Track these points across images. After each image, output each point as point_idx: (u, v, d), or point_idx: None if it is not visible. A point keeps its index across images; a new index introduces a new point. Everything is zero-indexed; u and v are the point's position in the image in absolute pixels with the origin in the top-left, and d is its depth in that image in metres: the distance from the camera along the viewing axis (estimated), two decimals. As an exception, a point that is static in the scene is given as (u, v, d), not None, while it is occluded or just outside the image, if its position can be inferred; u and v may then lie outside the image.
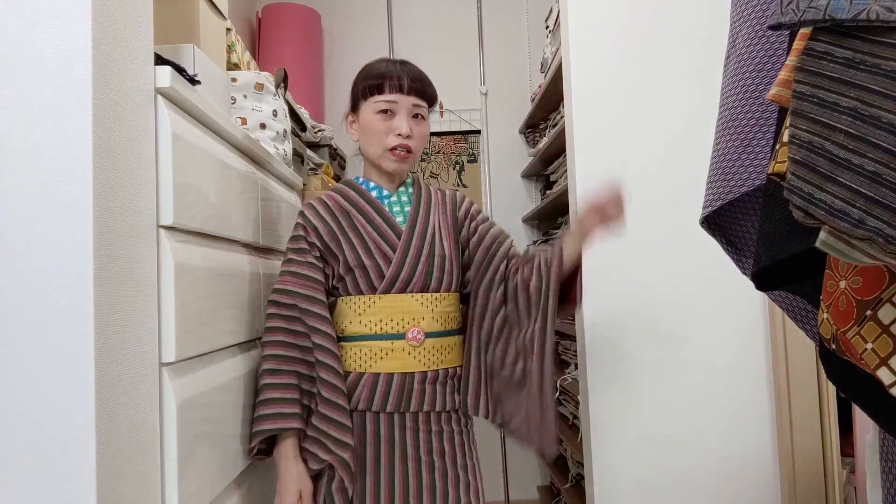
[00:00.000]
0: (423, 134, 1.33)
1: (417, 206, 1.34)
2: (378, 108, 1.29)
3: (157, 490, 0.90)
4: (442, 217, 1.35)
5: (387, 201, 1.34)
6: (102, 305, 0.77)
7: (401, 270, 1.27)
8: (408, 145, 1.29)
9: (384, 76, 1.29)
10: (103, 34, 0.80)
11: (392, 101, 1.29)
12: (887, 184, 0.50)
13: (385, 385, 1.24)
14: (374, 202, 1.32)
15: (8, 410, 0.75)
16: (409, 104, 1.29)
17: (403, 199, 1.36)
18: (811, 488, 1.70)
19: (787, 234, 0.69)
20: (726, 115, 0.87)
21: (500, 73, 3.29)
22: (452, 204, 1.39)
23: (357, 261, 1.27)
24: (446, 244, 1.32)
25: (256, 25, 3.04)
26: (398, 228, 1.30)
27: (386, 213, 1.32)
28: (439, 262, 1.30)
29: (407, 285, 1.27)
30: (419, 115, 1.32)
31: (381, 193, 1.34)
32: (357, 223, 1.30)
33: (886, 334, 0.61)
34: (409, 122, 1.29)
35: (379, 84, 1.29)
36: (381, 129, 1.29)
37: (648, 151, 1.83)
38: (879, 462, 0.80)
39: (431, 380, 1.27)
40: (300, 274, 1.26)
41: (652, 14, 1.85)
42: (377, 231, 1.29)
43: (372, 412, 1.25)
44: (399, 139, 1.28)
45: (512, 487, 3.12)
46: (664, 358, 1.79)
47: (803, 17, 0.54)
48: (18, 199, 0.76)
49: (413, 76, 1.31)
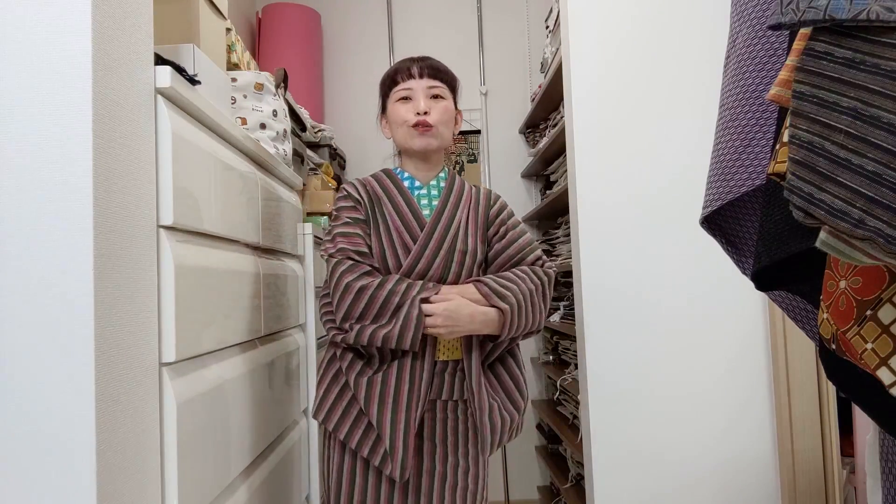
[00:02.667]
0: (444, 110, 1.37)
1: (446, 200, 1.37)
2: (397, 97, 1.37)
3: (157, 490, 0.90)
4: (472, 212, 1.38)
5: (417, 192, 1.38)
6: (102, 305, 0.77)
7: (418, 262, 1.30)
8: (426, 120, 1.34)
9: (397, 70, 1.39)
10: (103, 34, 0.80)
11: (408, 88, 1.36)
12: (887, 184, 0.50)
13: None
14: (405, 192, 1.37)
15: (8, 410, 0.75)
16: (424, 86, 1.36)
17: (434, 193, 1.39)
18: (811, 488, 1.70)
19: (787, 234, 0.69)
20: (726, 115, 0.87)
21: (500, 73, 3.29)
22: (486, 201, 1.42)
23: (379, 247, 1.31)
24: (470, 240, 1.35)
25: (256, 25, 3.04)
26: (423, 220, 1.34)
27: (414, 203, 1.36)
28: (459, 258, 1.32)
29: (423, 277, 1.30)
30: (437, 95, 1.37)
31: (413, 184, 1.39)
32: (386, 210, 1.35)
33: (886, 334, 0.61)
34: (426, 101, 1.35)
35: (393, 77, 1.39)
36: (402, 112, 1.36)
37: (648, 151, 1.83)
38: (879, 462, 0.80)
39: (440, 370, 1.30)
40: (358, 235, 1.31)
41: (652, 14, 1.85)
42: (402, 221, 1.34)
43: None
44: (417, 117, 1.34)
45: (512, 487, 3.12)
46: (664, 358, 1.79)
47: (803, 17, 0.54)
48: (18, 199, 0.75)
49: (424, 63, 1.38)
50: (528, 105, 3.18)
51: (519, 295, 1.28)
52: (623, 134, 1.83)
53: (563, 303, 2.61)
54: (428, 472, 1.29)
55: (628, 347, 1.80)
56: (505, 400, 1.32)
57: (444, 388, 1.31)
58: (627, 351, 1.79)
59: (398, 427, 1.24)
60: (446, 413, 1.31)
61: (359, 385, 1.26)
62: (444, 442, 1.30)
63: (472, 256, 1.34)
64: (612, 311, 1.80)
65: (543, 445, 3.07)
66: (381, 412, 1.25)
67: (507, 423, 1.30)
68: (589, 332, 1.80)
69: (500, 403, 1.30)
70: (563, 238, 2.59)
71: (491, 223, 1.40)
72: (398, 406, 1.25)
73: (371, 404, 1.25)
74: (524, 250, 1.38)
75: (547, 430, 3.00)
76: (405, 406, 1.25)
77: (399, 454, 1.23)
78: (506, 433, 1.30)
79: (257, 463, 1.32)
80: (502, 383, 1.34)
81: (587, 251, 1.82)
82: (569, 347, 2.57)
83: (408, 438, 1.24)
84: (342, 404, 1.29)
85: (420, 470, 1.29)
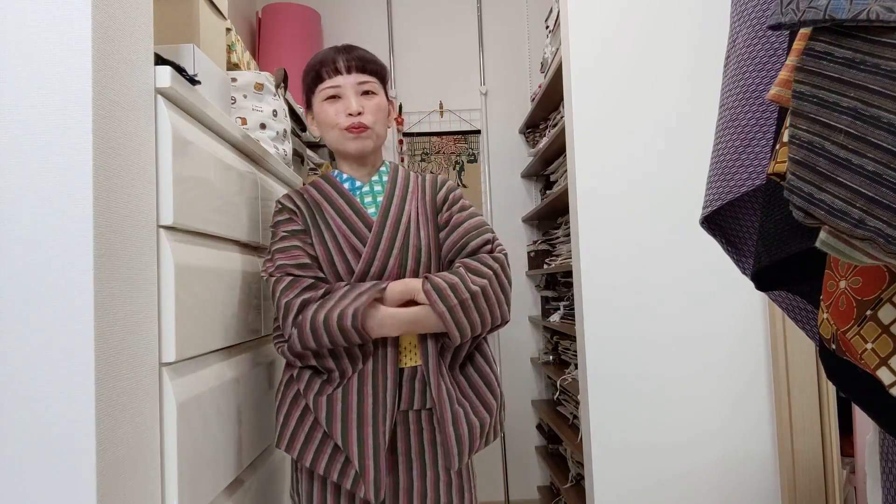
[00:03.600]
0: (378, 107, 1.28)
1: (391, 195, 1.27)
2: (324, 96, 1.27)
3: (157, 490, 0.90)
4: (420, 203, 1.28)
5: (359, 192, 1.29)
6: (102, 305, 0.77)
7: (370, 265, 1.21)
8: (360, 122, 1.25)
9: (321, 64, 1.27)
10: (103, 34, 0.80)
11: (335, 86, 1.26)
12: (887, 184, 0.50)
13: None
14: (345, 194, 1.27)
15: (8, 410, 0.75)
16: (353, 82, 1.26)
17: (377, 189, 1.30)
18: (811, 488, 1.70)
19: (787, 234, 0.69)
20: (726, 115, 0.87)
21: (500, 73, 3.29)
22: (433, 188, 1.31)
23: (326, 255, 1.22)
24: (423, 233, 1.25)
25: (256, 25, 3.04)
26: (369, 220, 1.24)
27: (357, 204, 1.26)
28: (414, 253, 1.23)
29: (379, 279, 1.21)
30: (368, 91, 1.27)
31: (353, 185, 1.30)
32: (328, 215, 1.25)
33: (886, 334, 0.61)
34: (357, 99, 1.25)
35: (317, 73, 1.28)
36: (332, 113, 1.26)
37: (648, 151, 1.83)
38: (879, 462, 0.80)
39: (409, 377, 1.21)
40: (297, 247, 1.22)
41: (652, 14, 1.85)
42: (347, 224, 1.24)
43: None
44: (350, 118, 1.25)
45: (512, 487, 3.12)
46: (664, 358, 1.80)
47: (803, 17, 0.54)
48: (18, 198, 0.76)
49: (351, 56, 1.27)
50: (528, 105, 3.18)
51: (465, 293, 1.16)
52: (623, 134, 1.83)
53: (563, 303, 2.61)
54: (405, 491, 1.19)
55: (629, 347, 1.80)
56: (476, 403, 1.21)
57: (414, 397, 1.21)
58: (628, 351, 1.79)
59: (366, 444, 1.14)
60: (420, 424, 1.21)
61: (318, 405, 1.16)
62: (422, 456, 1.20)
63: (426, 251, 1.24)
64: (612, 310, 1.80)
65: (543, 445, 3.07)
66: (345, 430, 1.14)
67: (475, 429, 1.18)
68: (589, 332, 1.80)
69: (469, 408, 1.19)
70: (563, 238, 2.59)
71: (439, 210, 1.29)
72: (363, 421, 1.15)
73: (334, 423, 1.15)
74: (469, 234, 1.25)
75: (547, 430, 3.00)
76: (371, 420, 1.15)
77: (370, 474, 1.13)
78: (476, 439, 1.19)
79: (257, 463, 1.32)
80: (472, 384, 1.24)
81: (587, 251, 1.82)
82: (569, 347, 2.57)
83: (378, 455, 1.14)
84: (304, 429, 1.18)
85: (397, 489, 1.19)
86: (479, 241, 1.25)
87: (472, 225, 1.27)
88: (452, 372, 1.23)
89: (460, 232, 1.26)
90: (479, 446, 1.21)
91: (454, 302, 1.15)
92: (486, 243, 1.25)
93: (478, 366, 1.26)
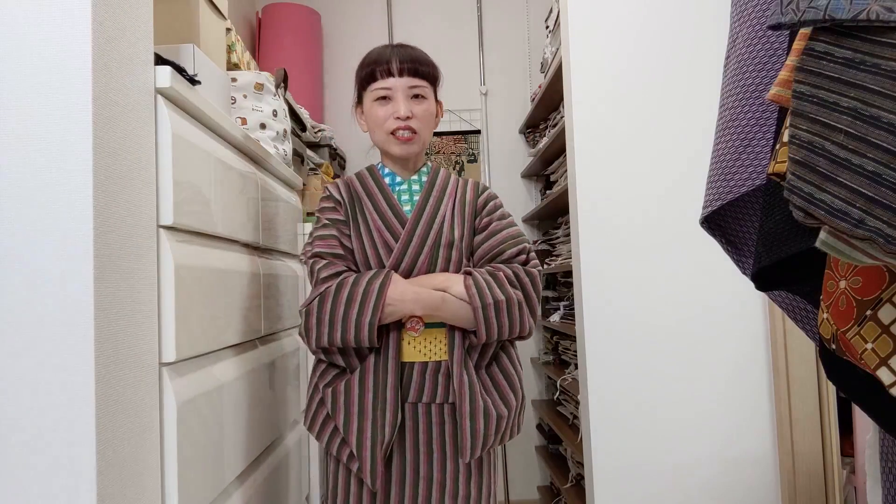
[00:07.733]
0: (427, 112, 1.30)
1: (427, 193, 1.31)
2: (375, 95, 1.28)
3: (157, 490, 0.90)
4: (458, 203, 1.32)
5: (398, 189, 1.32)
6: (102, 305, 0.77)
7: (401, 260, 1.25)
8: (409, 126, 1.27)
9: (375, 63, 1.29)
10: (103, 34, 0.80)
11: (386, 87, 1.27)
12: (887, 184, 0.50)
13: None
14: (384, 188, 1.31)
15: (8, 410, 0.75)
16: (405, 86, 1.27)
17: (415, 188, 1.33)
18: (811, 488, 1.70)
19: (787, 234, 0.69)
20: (726, 115, 0.87)
21: (500, 73, 3.29)
22: (475, 192, 1.35)
23: (360, 247, 1.26)
24: (456, 231, 1.28)
25: (256, 25, 3.04)
26: (404, 217, 1.28)
27: (393, 200, 1.30)
28: (445, 253, 1.26)
29: (409, 275, 1.24)
30: (419, 95, 1.29)
31: (393, 180, 1.33)
32: (366, 209, 1.29)
33: (886, 334, 0.61)
34: (406, 103, 1.27)
35: (371, 72, 1.29)
36: (381, 115, 1.28)
37: (648, 151, 1.83)
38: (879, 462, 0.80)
39: (432, 371, 1.24)
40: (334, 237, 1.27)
41: (652, 14, 1.85)
42: (382, 219, 1.28)
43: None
44: (398, 122, 1.27)
45: (512, 487, 3.12)
46: (664, 358, 1.80)
47: (803, 17, 0.54)
48: (19, 198, 0.76)
49: (405, 58, 1.28)
50: (528, 105, 3.18)
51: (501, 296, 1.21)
52: (623, 134, 1.83)
53: (563, 303, 2.61)
54: (425, 479, 1.23)
55: (629, 347, 1.80)
56: (496, 399, 1.25)
57: (437, 391, 1.24)
58: (628, 351, 1.79)
59: (364, 436, 1.20)
60: (442, 417, 1.24)
61: (326, 395, 1.24)
62: (443, 447, 1.24)
63: (458, 251, 1.27)
64: (612, 310, 1.80)
65: (543, 445, 3.07)
66: (347, 422, 1.21)
67: (492, 424, 1.22)
68: (589, 332, 1.80)
69: (490, 403, 1.23)
70: (563, 238, 2.59)
71: (478, 213, 1.32)
72: (364, 414, 1.20)
73: (338, 415, 1.22)
74: (506, 243, 1.29)
75: (547, 430, 3.00)
76: (370, 413, 1.20)
77: (367, 464, 1.19)
78: (491, 435, 1.22)
79: (257, 463, 1.32)
80: (496, 382, 1.28)
81: (587, 251, 1.82)
82: (569, 347, 2.57)
83: (376, 447, 1.19)
84: (322, 413, 1.26)
85: (416, 478, 1.23)
86: (515, 250, 1.29)
87: (510, 234, 1.31)
88: (478, 370, 1.27)
89: (498, 239, 1.30)
90: (493, 442, 1.24)
91: (490, 301, 1.20)
92: (520, 253, 1.29)
93: (503, 365, 1.30)
